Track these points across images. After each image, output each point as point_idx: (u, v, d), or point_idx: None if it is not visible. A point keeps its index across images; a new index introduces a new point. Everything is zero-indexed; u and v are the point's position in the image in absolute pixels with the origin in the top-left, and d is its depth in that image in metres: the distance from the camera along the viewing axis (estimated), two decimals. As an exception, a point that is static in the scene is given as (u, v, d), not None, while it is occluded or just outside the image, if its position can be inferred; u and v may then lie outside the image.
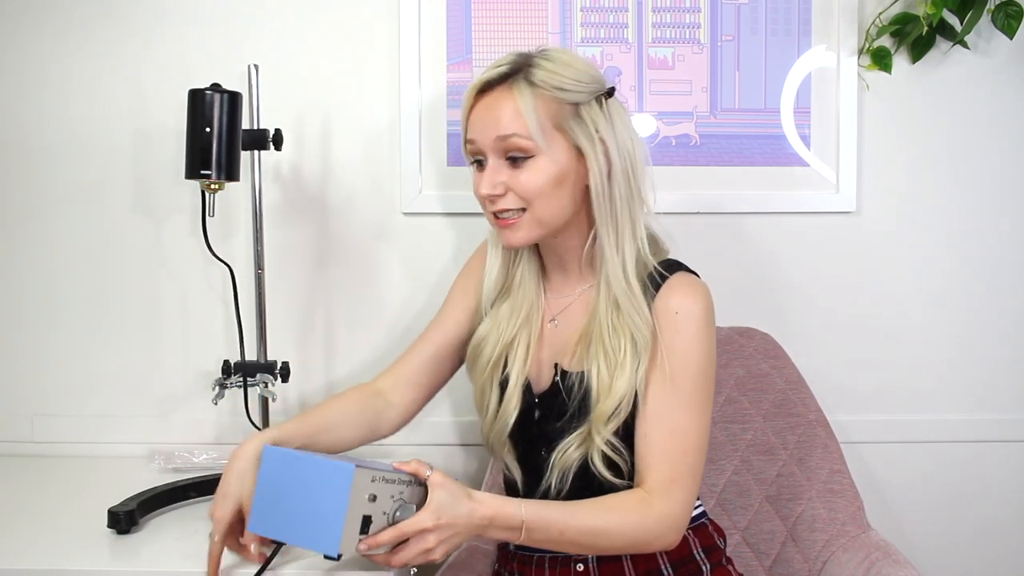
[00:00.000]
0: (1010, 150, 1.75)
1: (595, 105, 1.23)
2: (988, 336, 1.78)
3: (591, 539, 1.19)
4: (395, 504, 1.08)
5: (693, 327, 1.23)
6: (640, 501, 1.20)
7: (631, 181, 1.25)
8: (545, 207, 1.24)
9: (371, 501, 1.04)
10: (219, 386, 1.49)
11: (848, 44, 1.70)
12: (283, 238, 1.71)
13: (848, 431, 1.69)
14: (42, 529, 1.35)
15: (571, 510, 1.18)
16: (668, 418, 1.21)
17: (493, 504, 1.14)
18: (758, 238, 1.75)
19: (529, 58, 1.25)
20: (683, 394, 1.22)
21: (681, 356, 1.22)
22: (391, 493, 1.07)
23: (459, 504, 1.11)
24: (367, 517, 1.04)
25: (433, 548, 1.09)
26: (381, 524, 1.07)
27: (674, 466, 1.21)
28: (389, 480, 1.07)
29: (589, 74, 1.24)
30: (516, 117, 1.21)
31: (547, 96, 1.21)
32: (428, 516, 1.08)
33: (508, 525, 1.14)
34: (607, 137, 1.23)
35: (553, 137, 1.22)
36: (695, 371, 1.22)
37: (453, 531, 1.10)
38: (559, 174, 1.22)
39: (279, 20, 1.70)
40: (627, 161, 1.24)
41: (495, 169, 1.24)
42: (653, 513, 1.19)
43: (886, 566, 1.41)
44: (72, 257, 1.73)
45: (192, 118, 1.39)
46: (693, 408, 1.22)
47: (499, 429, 1.31)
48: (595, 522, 1.18)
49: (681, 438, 1.21)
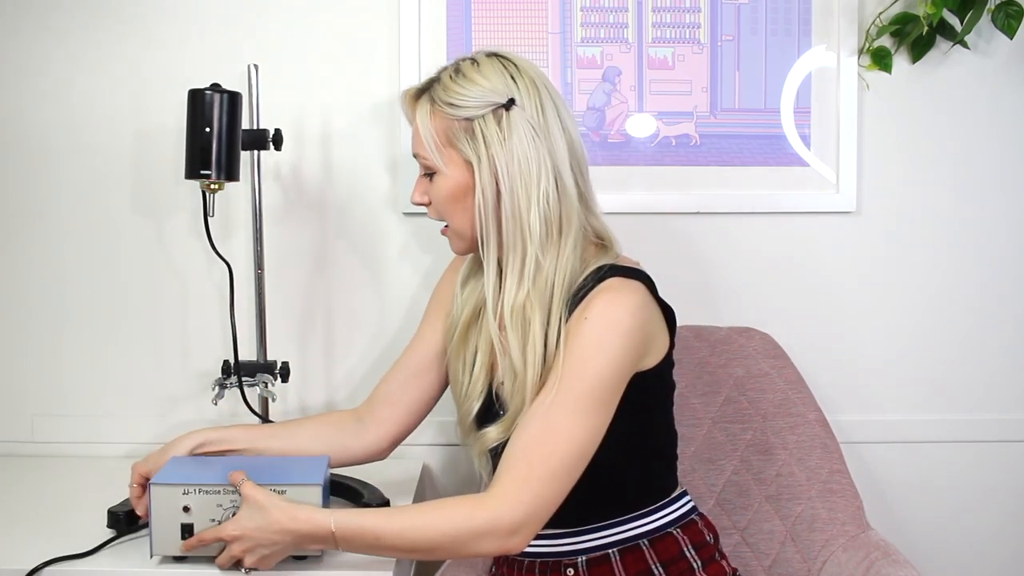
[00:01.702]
0: (1010, 150, 1.75)
1: (490, 120, 1.22)
2: (988, 336, 1.78)
3: (410, 541, 1.14)
4: (226, 513, 1.18)
5: (600, 332, 1.18)
6: (472, 501, 1.16)
7: (517, 198, 1.21)
8: (454, 220, 1.28)
9: (185, 512, 1.18)
10: (219, 386, 1.50)
11: (848, 44, 1.70)
12: (283, 238, 1.71)
13: (848, 431, 1.69)
14: (42, 529, 1.35)
15: (387, 514, 1.19)
16: (543, 418, 1.16)
17: (301, 516, 1.14)
18: (758, 238, 1.75)
19: (443, 72, 1.27)
20: (569, 396, 1.16)
21: (578, 359, 1.17)
22: (219, 503, 1.19)
23: (260, 515, 1.14)
24: (187, 525, 1.19)
25: (240, 556, 1.16)
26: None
27: (531, 467, 1.14)
28: (213, 492, 1.18)
29: (485, 85, 1.23)
30: (419, 135, 1.26)
31: (440, 112, 1.24)
32: (229, 525, 1.16)
33: (317, 535, 1.14)
34: (496, 152, 1.21)
35: (446, 154, 1.25)
36: (590, 376, 1.17)
37: (255, 542, 1.14)
38: (456, 189, 1.25)
39: (279, 20, 1.70)
40: (518, 177, 1.21)
41: (420, 180, 1.31)
42: (483, 514, 1.12)
43: (886, 566, 1.41)
44: (72, 257, 1.73)
45: (192, 118, 1.39)
46: (577, 412, 1.16)
47: (464, 414, 1.32)
48: (412, 522, 1.14)
49: (551, 439, 1.15)
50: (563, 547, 1.29)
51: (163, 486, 1.20)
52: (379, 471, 1.52)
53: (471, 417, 1.31)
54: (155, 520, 1.19)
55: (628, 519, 1.28)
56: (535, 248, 1.21)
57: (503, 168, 1.21)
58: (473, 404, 1.31)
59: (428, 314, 1.45)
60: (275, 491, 1.19)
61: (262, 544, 1.14)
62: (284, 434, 1.39)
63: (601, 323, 1.18)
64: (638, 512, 1.29)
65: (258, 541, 1.14)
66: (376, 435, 1.39)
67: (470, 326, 1.34)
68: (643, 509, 1.29)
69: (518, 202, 1.21)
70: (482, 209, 1.23)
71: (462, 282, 1.38)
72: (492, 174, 1.22)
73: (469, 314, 1.34)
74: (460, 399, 1.34)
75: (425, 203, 1.31)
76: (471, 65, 1.26)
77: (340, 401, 1.75)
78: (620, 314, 1.19)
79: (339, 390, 1.75)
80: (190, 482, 1.19)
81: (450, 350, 1.36)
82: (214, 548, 1.18)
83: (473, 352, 1.33)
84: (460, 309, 1.35)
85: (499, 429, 1.24)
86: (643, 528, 1.29)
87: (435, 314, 1.43)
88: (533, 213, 1.21)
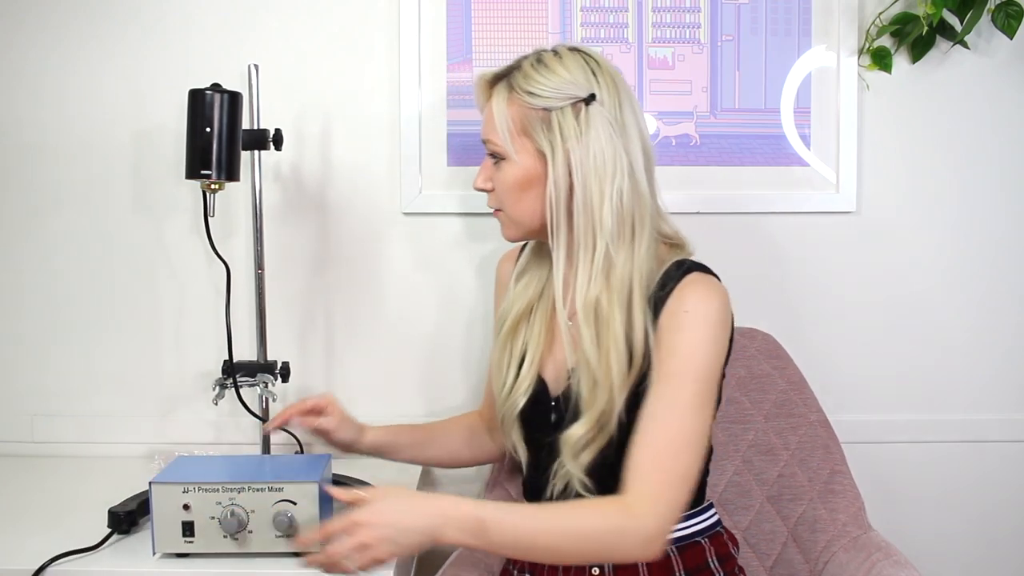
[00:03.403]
0: (1010, 150, 1.75)
1: (569, 112, 1.21)
2: (988, 336, 1.77)
3: (563, 545, 1.12)
4: (225, 511, 1.20)
5: (701, 326, 1.19)
6: (621, 510, 1.13)
7: (590, 193, 1.20)
8: (514, 209, 1.27)
9: (186, 510, 1.20)
10: (219, 386, 1.49)
11: (848, 44, 1.70)
12: (283, 238, 1.71)
13: (849, 431, 1.69)
14: (42, 529, 1.35)
15: (537, 511, 1.16)
16: (659, 419, 1.16)
17: (445, 500, 1.12)
18: (758, 238, 1.74)
19: (524, 59, 1.26)
20: (684, 394, 1.16)
21: (684, 355, 1.18)
22: (219, 501, 1.20)
23: (400, 500, 1.11)
24: (187, 523, 1.20)
25: (370, 544, 1.08)
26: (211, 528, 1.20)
27: (664, 473, 1.14)
28: (213, 490, 1.20)
29: (567, 78, 1.22)
30: (492, 120, 1.25)
31: (518, 100, 1.23)
32: (363, 512, 1.09)
33: (464, 523, 1.09)
34: (572, 146, 1.20)
35: (520, 142, 1.24)
36: (697, 371, 1.17)
37: (392, 528, 1.08)
38: (523, 178, 1.24)
39: (279, 20, 1.70)
40: (592, 173, 1.20)
41: (486, 165, 1.30)
42: (633, 524, 1.12)
43: (887, 567, 1.41)
44: (72, 257, 1.73)
45: (192, 118, 1.39)
46: (694, 409, 1.17)
47: (510, 407, 1.31)
48: (568, 524, 1.12)
49: (676, 441, 1.15)
50: None
51: (163, 485, 1.20)
52: (379, 471, 1.53)
53: (516, 411, 1.31)
54: (156, 518, 1.20)
55: None
56: (607, 242, 1.20)
57: (577, 162, 1.20)
58: (519, 399, 1.30)
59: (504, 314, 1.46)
60: (272, 489, 1.20)
61: (399, 529, 1.08)
62: (439, 436, 1.50)
63: (700, 316, 1.19)
64: None
65: (395, 526, 1.08)
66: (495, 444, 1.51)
67: (521, 320, 1.34)
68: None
69: (591, 196, 1.20)
70: (553, 201, 1.22)
71: (517, 276, 1.38)
72: (566, 166, 1.21)
73: (522, 308, 1.34)
74: (503, 393, 1.33)
75: (488, 189, 1.30)
76: (553, 56, 1.25)
77: (340, 401, 1.74)
78: (716, 307, 1.20)
79: (339, 390, 1.74)
80: (190, 481, 1.20)
81: (497, 341, 1.36)
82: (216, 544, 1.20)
83: (522, 347, 1.32)
84: (512, 302, 1.35)
85: (585, 426, 1.21)
86: (674, 535, 1.28)
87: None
88: (606, 208, 1.20)
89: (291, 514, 1.20)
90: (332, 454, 1.38)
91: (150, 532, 1.22)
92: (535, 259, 1.37)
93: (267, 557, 1.22)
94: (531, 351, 1.31)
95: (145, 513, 1.35)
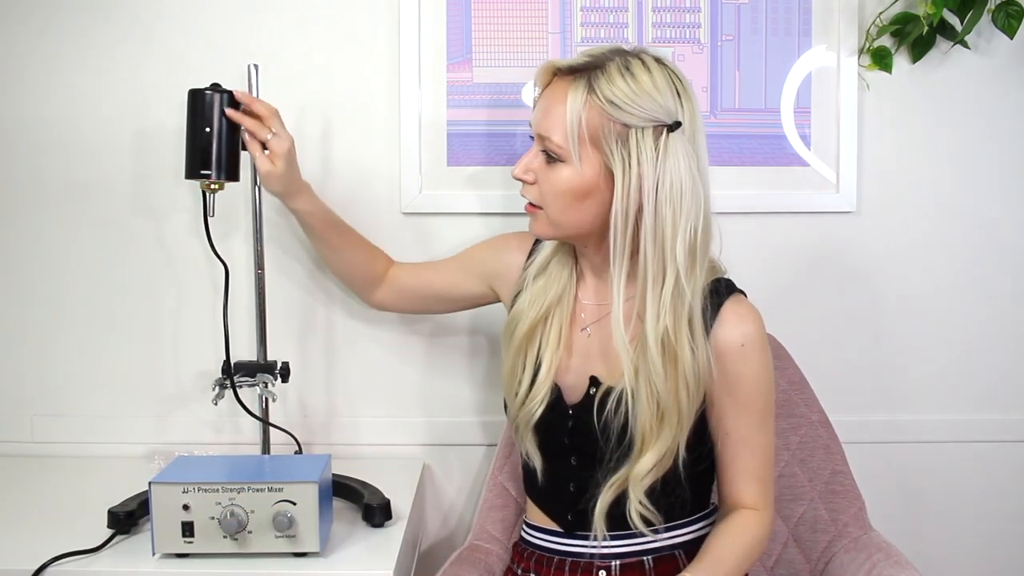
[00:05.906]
0: (1010, 150, 1.75)
1: (649, 134, 1.15)
2: (988, 336, 1.77)
3: (747, 566, 1.27)
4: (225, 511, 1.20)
5: (758, 354, 1.26)
6: (757, 522, 1.28)
7: (663, 223, 1.16)
8: (559, 214, 1.22)
9: (185, 510, 1.20)
10: (219, 386, 1.49)
11: (848, 44, 1.70)
12: (283, 238, 1.71)
13: (850, 432, 1.69)
14: (42, 529, 1.35)
15: (723, 555, 1.24)
16: (752, 440, 1.27)
17: None
18: (758, 238, 1.74)
19: (608, 60, 1.18)
20: (759, 416, 1.27)
21: (753, 383, 1.26)
22: (218, 501, 1.21)
23: None
24: (187, 523, 1.21)
25: None
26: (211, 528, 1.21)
27: (766, 483, 1.30)
28: (212, 490, 1.21)
29: (656, 99, 1.16)
30: (560, 119, 1.17)
31: (598, 107, 1.16)
32: None
33: None
34: (647, 171, 1.15)
35: (587, 151, 1.17)
36: (764, 392, 1.28)
37: None
38: (581, 189, 1.19)
39: (279, 20, 1.70)
40: (667, 203, 1.15)
41: (533, 155, 1.24)
42: (765, 527, 1.29)
43: (888, 567, 1.41)
44: (72, 257, 1.73)
45: (192, 118, 1.39)
46: (767, 425, 1.29)
47: (525, 416, 1.30)
48: (748, 552, 1.26)
49: (763, 454, 1.29)
50: (603, 549, 1.29)
51: (163, 485, 1.20)
52: (379, 471, 1.53)
53: (534, 422, 1.30)
54: (156, 518, 1.21)
55: (671, 527, 1.30)
56: (677, 273, 1.18)
57: (650, 187, 1.15)
58: (535, 409, 1.29)
59: (470, 258, 1.49)
60: (272, 489, 1.19)
61: None
62: (348, 253, 1.55)
63: (756, 346, 1.27)
64: (682, 520, 1.31)
65: None
66: (383, 295, 1.58)
67: (537, 325, 1.31)
68: (687, 518, 1.32)
69: (663, 226, 1.17)
70: (619, 220, 1.17)
71: (536, 272, 1.34)
72: (638, 190, 1.16)
73: (539, 313, 1.31)
74: (517, 401, 1.31)
75: (529, 181, 1.24)
76: (641, 66, 1.18)
77: (340, 401, 1.75)
78: (762, 329, 1.28)
79: (339, 390, 1.75)
80: (190, 481, 1.20)
81: (512, 343, 1.32)
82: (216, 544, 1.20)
83: (537, 353, 1.30)
84: (530, 302, 1.32)
85: (653, 460, 1.22)
86: (682, 538, 1.31)
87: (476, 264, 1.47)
88: (679, 241, 1.17)
89: (291, 514, 1.20)
90: (331, 454, 1.38)
91: (150, 532, 1.22)
92: (556, 261, 1.33)
93: (267, 557, 1.23)
94: (547, 359, 1.29)
95: (145, 513, 1.35)
